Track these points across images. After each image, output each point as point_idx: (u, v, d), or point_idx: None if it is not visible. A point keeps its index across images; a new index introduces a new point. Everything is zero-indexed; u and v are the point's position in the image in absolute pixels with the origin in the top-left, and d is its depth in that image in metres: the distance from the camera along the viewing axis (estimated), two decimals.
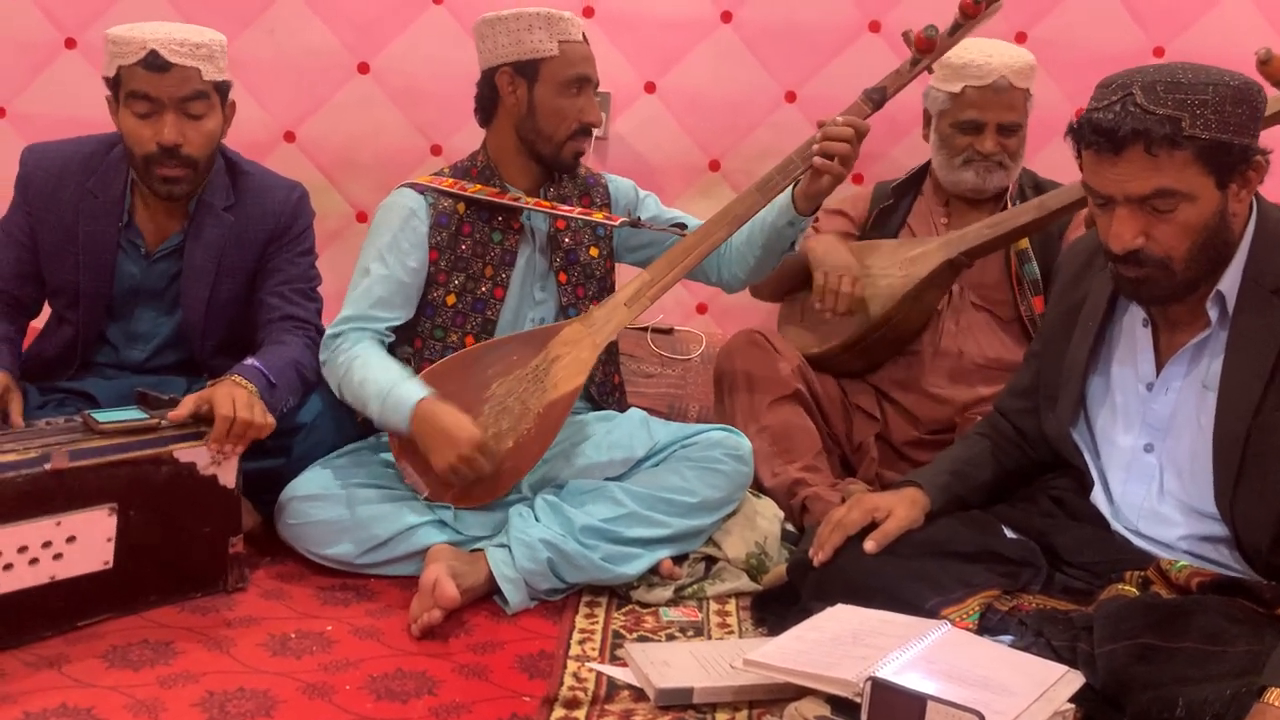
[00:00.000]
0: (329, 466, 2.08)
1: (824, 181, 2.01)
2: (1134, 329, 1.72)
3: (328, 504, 2.01)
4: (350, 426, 2.19)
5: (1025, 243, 2.35)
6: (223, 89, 2.06)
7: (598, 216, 2.21)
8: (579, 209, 2.21)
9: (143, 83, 1.98)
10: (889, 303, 2.30)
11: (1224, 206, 1.54)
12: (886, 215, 2.50)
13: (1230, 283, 1.59)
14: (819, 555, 1.73)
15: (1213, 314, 1.61)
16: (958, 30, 2.07)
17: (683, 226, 2.19)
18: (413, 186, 2.18)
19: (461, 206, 2.17)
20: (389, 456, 2.09)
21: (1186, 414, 1.64)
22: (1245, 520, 1.58)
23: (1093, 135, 1.52)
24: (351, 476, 2.06)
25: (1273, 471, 1.55)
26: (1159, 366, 1.68)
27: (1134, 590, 1.60)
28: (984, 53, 2.31)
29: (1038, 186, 2.41)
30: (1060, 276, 1.87)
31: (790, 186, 2.06)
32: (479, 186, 2.17)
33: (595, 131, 2.84)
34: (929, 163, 2.50)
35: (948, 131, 2.37)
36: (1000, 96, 2.31)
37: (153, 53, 1.95)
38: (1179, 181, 1.50)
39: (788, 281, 2.48)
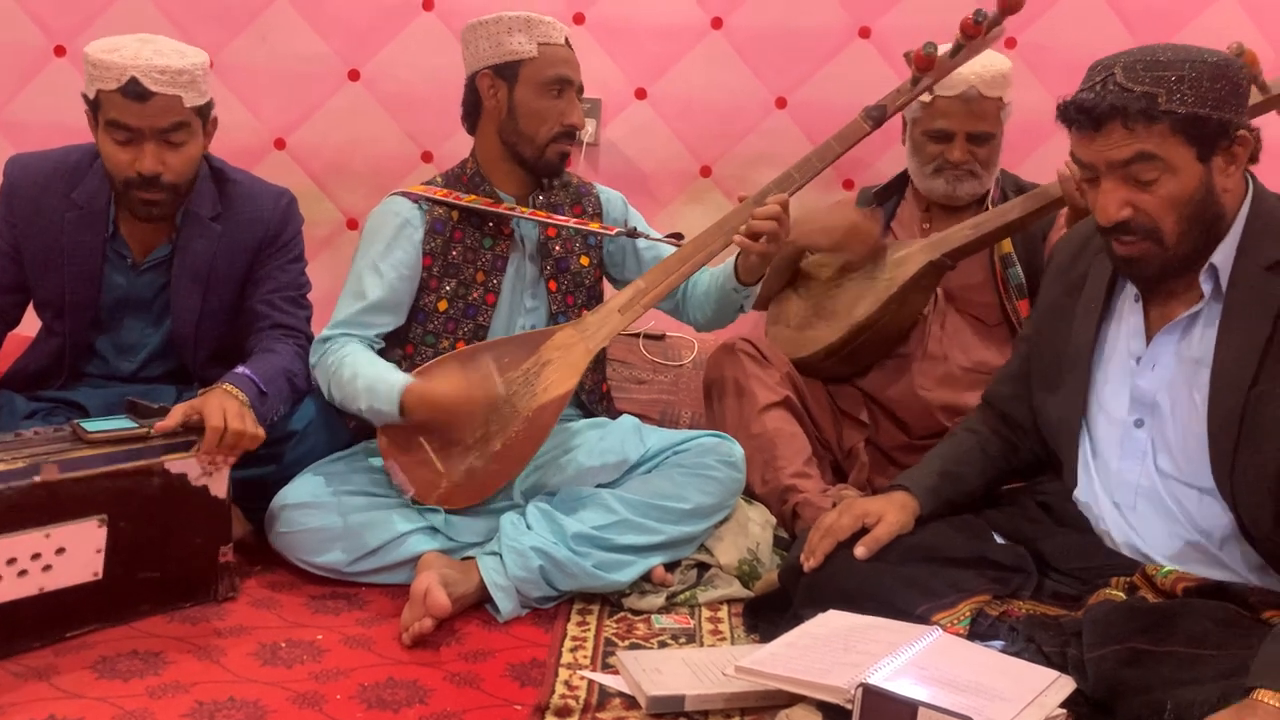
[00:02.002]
0: (320, 474, 2.08)
1: (753, 258, 2.07)
2: (1126, 305, 1.73)
3: (318, 512, 2.00)
4: (342, 434, 2.19)
5: (1009, 246, 2.36)
6: (204, 111, 2.04)
7: (593, 226, 2.21)
8: (575, 219, 2.22)
9: (122, 112, 1.95)
10: (872, 306, 2.30)
11: (1209, 180, 1.56)
12: None
13: (1224, 256, 1.61)
14: (809, 561, 1.73)
15: (1206, 287, 1.62)
16: (959, 51, 2.08)
17: (679, 236, 2.20)
18: (405, 195, 2.18)
19: (455, 213, 2.17)
20: (379, 463, 2.09)
21: (1178, 390, 1.64)
22: (1245, 495, 1.57)
23: (1075, 114, 1.58)
24: (342, 484, 2.06)
25: (1268, 445, 1.55)
26: (1148, 339, 1.68)
27: (1121, 595, 1.60)
28: None
29: (1020, 189, 2.41)
30: (1055, 259, 1.88)
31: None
32: (473, 197, 2.17)
33: (586, 138, 2.88)
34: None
35: (919, 139, 2.37)
36: (970, 106, 2.31)
37: (133, 80, 1.92)
38: (1158, 148, 1.53)
39: (775, 282, 2.49)
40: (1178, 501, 1.64)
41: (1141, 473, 1.68)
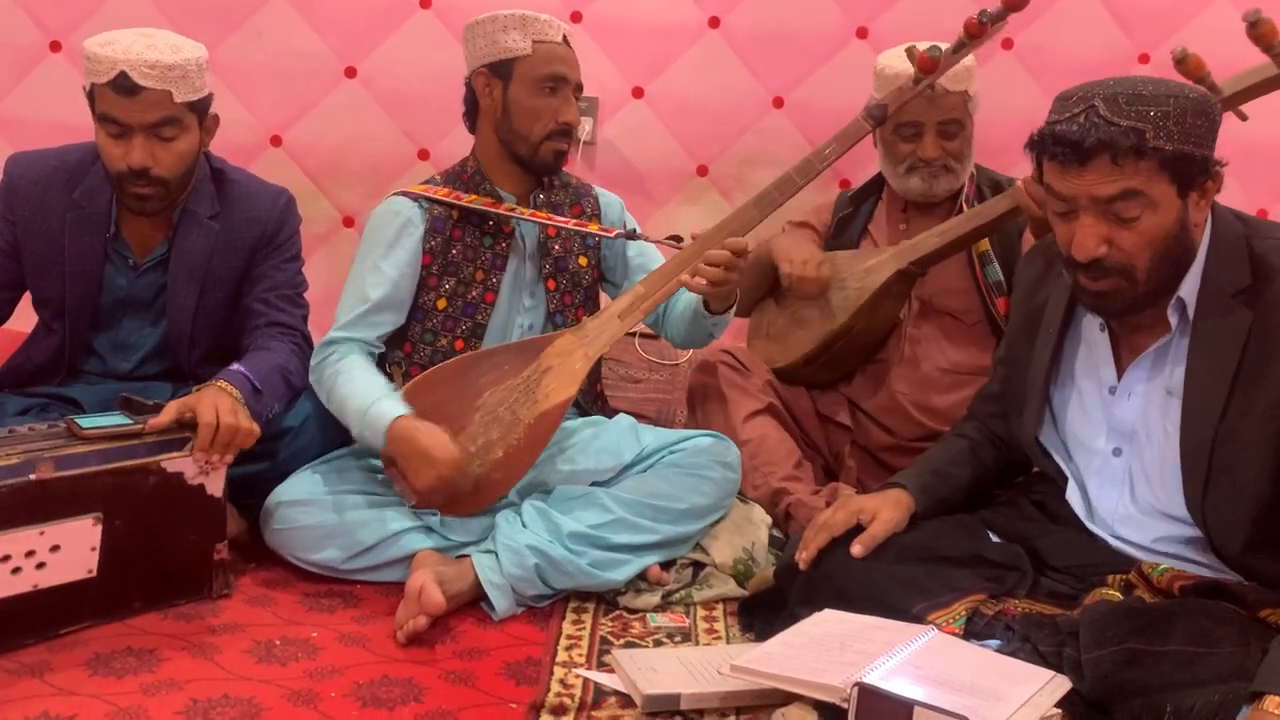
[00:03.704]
0: (316, 472, 2.08)
1: (708, 295, 2.07)
2: (1093, 333, 1.72)
3: (314, 509, 2.00)
4: (337, 431, 2.18)
5: (986, 244, 2.35)
6: (199, 107, 2.03)
7: (593, 227, 2.21)
8: (574, 220, 2.22)
9: (112, 105, 1.95)
10: (846, 314, 2.31)
11: (1184, 216, 1.55)
12: (846, 223, 2.50)
13: (1190, 288, 1.60)
14: (803, 554, 1.73)
15: (1173, 319, 1.61)
16: (962, 48, 2.08)
17: (678, 239, 2.20)
18: (405, 194, 2.18)
19: (455, 212, 2.17)
20: (376, 462, 2.09)
21: (1152, 420, 1.65)
22: (1217, 524, 1.58)
23: (1056, 147, 1.52)
24: (338, 482, 2.06)
25: (1240, 475, 1.55)
26: (1119, 370, 1.69)
27: (1117, 594, 1.61)
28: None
29: (996, 185, 2.40)
30: (1018, 284, 1.88)
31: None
32: (474, 197, 2.17)
33: (583, 137, 2.88)
34: None
35: (890, 139, 2.35)
36: (935, 102, 2.29)
37: (122, 74, 1.91)
38: (1144, 185, 1.50)
39: (755, 290, 2.49)
40: (1155, 529, 1.66)
41: (1119, 500, 1.69)
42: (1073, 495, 1.74)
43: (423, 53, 2.91)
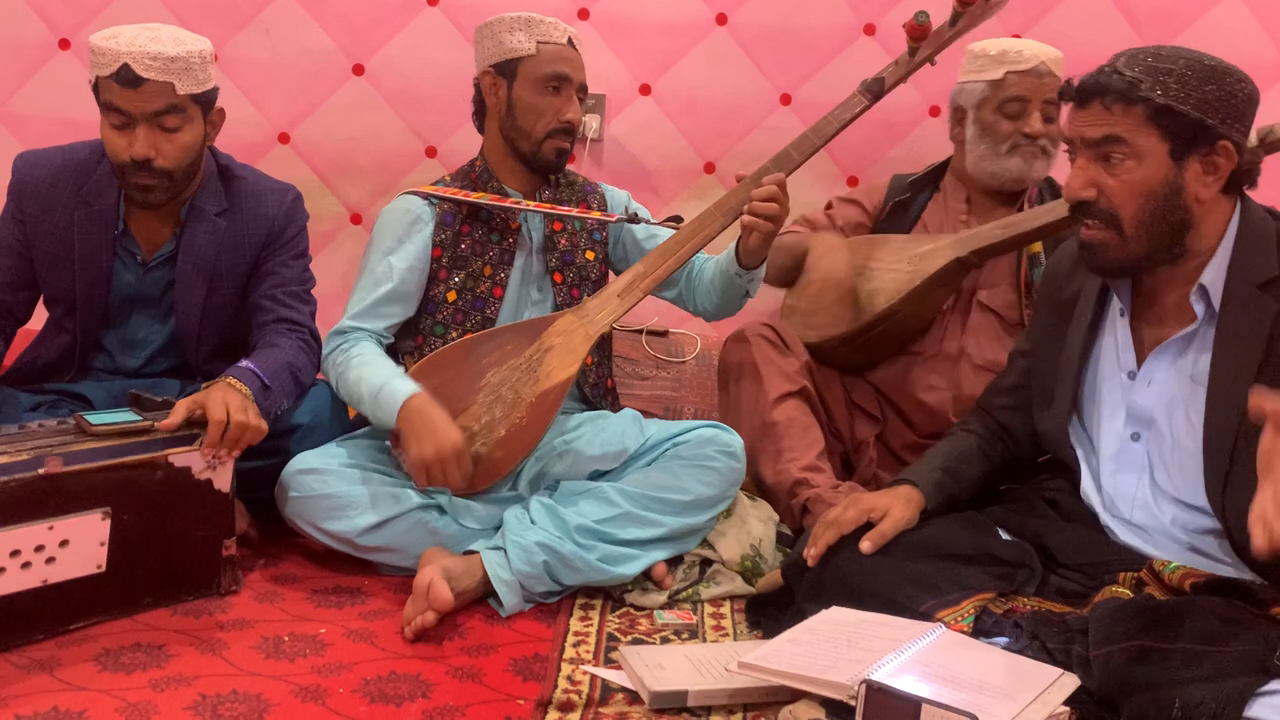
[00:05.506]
0: (336, 445, 2.10)
1: (754, 238, 2.06)
2: (1114, 318, 1.74)
3: (333, 478, 2.01)
4: (347, 428, 2.19)
5: (1038, 247, 2.33)
6: (204, 100, 2.04)
7: (594, 214, 2.23)
8: (577, 210, 2.23)
9: (115, 97, 1.97)
10: (893, 297, 2.28)
11: (1177, 180, 1.58)
12: (901, 209, 2.47)
13: (1213, 276, 1.61)
14: (811, 550, 1.73)
15: (1199, 308, 1.63)
16: (958, 20, 2.07)
17: (678, 220, 2.21)
18: (415, 193, 2.21)
19: (463, 208, 2.20)
20: (388, 444, 2.10)
21: (1175, 408, 1.65)
22: (1236, 515, 1.57)
23: (1067, 88, 1.65)
24: (359, 457, 2.08)
25: None
26: (1140, 357, 1.70)
27: (1127, 592, 1.60)
28: (1017, 43, 2.34)
29: (1056, 193, 2.39)
30: (1048, 277, 1.89)
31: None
32: (481, 194, 2.19)
33: (591, 134, 2.88)
34: (949, 160, 2.49)
35: (990, 119, 2.33)
36: (1041, 80, 2.31)
37: (125, 67, 1.93)
38: (1129, 133, 1.57)
39: (790, 272, 2.48)
40: (1173, 516, 1.66)
41: (1137, 486, 1.69)
42: (1089, 485, 1.74)
43: (430, 50, 2.91)
